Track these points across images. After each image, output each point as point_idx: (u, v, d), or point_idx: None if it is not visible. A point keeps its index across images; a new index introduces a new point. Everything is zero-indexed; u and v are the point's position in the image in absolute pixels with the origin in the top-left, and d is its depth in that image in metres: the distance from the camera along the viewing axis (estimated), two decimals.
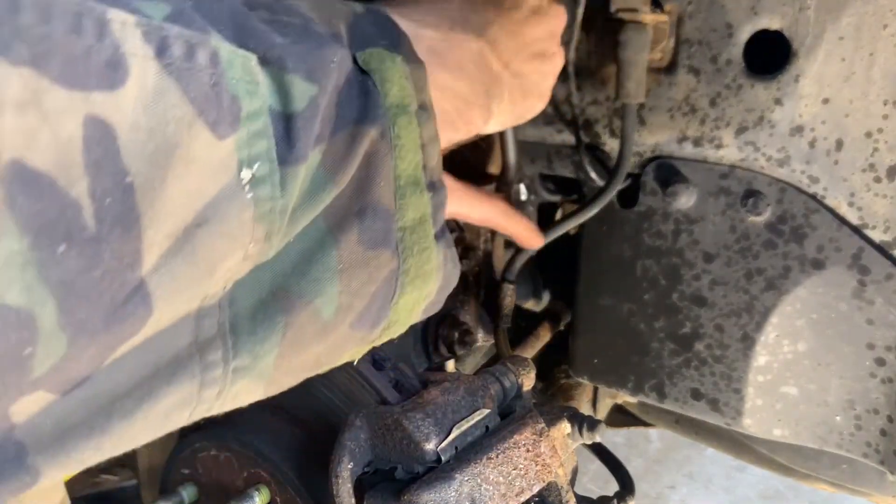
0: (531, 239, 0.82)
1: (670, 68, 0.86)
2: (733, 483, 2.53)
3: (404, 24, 0.51)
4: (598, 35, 0.90)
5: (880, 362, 0.84)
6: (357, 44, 0.44)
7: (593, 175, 0.94)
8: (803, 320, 0.86)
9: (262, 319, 0.41)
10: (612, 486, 0.79)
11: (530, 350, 1.12)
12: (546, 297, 1.26)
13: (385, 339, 0.52)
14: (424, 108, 0.47)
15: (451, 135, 0.57)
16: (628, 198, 0.94)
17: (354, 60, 0.43)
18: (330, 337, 0.45)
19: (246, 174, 0.36)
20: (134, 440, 0.38)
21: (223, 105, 0.34)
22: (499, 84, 0.62)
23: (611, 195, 0.88)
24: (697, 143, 0.86)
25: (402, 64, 0.46)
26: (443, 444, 0.57)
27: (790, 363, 0.88)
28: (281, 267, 0.41)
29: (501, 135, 0.84)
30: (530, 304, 1.25)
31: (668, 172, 0.89)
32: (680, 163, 0.88)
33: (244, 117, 0.35)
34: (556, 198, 1.13)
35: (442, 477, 0.55)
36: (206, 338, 0.39)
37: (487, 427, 0.61)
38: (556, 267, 1.22)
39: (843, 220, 0.82)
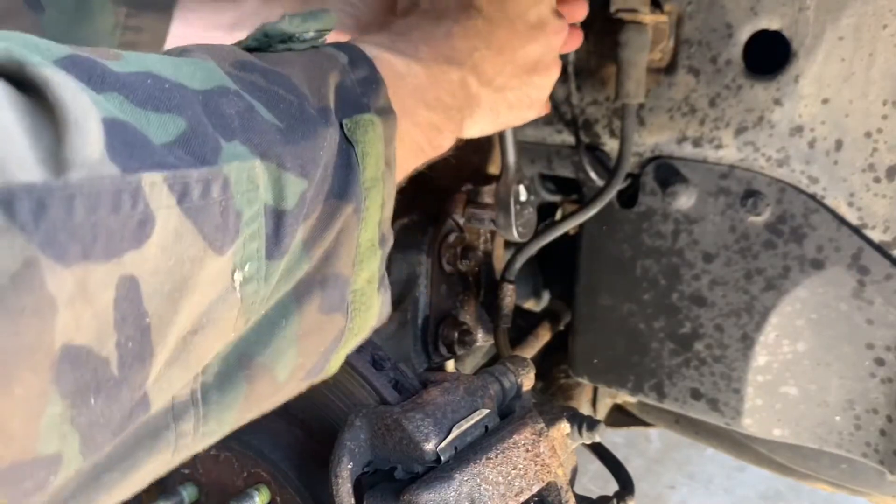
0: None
1: (670, 68, 0.86)
2: (733, 483, 2.53)
3: (392, 61, 0.55)
4: (598, 35, 0.90)
5: (880, 362, 0.84)
6: (344, 109, 0.47)
7: (593, 175, 0.94)
8: (803, 320, 0.86)
9: (228, 387, 0.43)
10: (611, 486, 0.79)
11: (530, 350, 1.12)
12: (546, 297, 1.26)
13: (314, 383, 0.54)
14: (389, 166, 0.50)
15: (419, 160, 0.60)
16: (628, 198, 0.94)
17: (341, 126, 0.46)
18: (280, 394, 0.48)
19: (238, 276, 0.39)
20: (115, 502, 0.41)
21: (229, 226, 0.37)
22: (475, 102, 0.65)
23: (610, 195, 0.88)
24: (697, 143, 0.86)
25: (380, 125, 0.48)
26: (442, 445, 0.57)
27: (790, 363, 0.88)
28: (248, 336, 0.43)
29: (501, 136, 0.84)
30: (530, 304, 1.25)
31: (667, 173, 0.89)
32: (680, 163, 0.88)
33: (243, 225, 0.38)
34: (556, 198, 1.14)
35: (441, 477, 0.55)
36: (180, 405, 0.41)
37: (487, 427, 0.61)
38: (556, 267, 1.22)
39: (842, 220, 0.82)
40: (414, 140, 0.56)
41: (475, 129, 0.68)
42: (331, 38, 0.52)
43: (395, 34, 0.61)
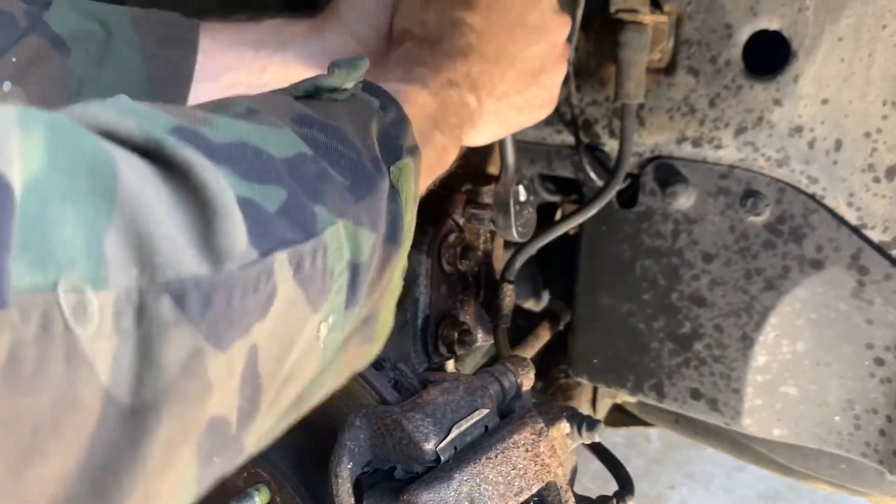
0: None
1: (670, 69, 0.86)
2: (733, 483, 2.53)
3: (410, 94, 0.58)
4: (597, 35, 0.90)
5: (879, 362, 0.84)
6: (388, 157, 0.49)
7: (593, 175, 0.94)
8: (802, 320, 0.86)
9: (282, 421, 0.46)
10: (611, 486, 0.79)
11: (530, 350, 1.12)
12: (546, 297, 1.26)
13: None
14: (416, 201, 0.53)
15: (430, 180, 0.62)
16: (628, 198, 0.94)
17: (388, 173, 0.49)
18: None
19: (323, 328, 0.41)
20: None
21: (326, 287, 0.40)
22: (477, 115, 0.66)
23: (610, 195, 0.88)
24: (697, 143, 0.86)
25: (412, 166, 0.51)
26: (442, 444, 0.57)
27: (789, 363, 0.88)
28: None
29: (500, 140, 0.84)
30: (530, 304, 1.25)
31: (667, 173, 0.89)
32: (679, 163, 0.88)
33: (333, 282, 0.41)
34: (556, 198, 1.14)
35: (441, 477, 0.55)
36: None
37: (486, 427, 0.61)
38: (555, 267, 1.22)
39: (842, 220, 0.82)
40: (429, 164, 0.58)
41: (480, 138, 0.70)
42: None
43: (406, 66, 0.64)
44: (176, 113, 0.37)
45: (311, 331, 0.40)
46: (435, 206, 0.90)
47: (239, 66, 0.74)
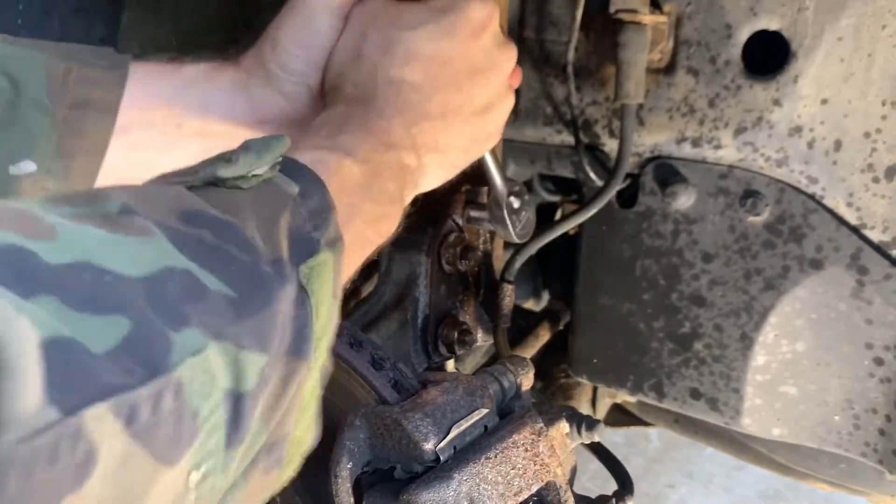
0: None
1: (669, 69, 0.86)
2: (732, 482, 2.53)
3: (335, 165, 0.53)
4: (597, 35, 0.90)
5: (879, 362, 0.84)
6: (298, 254, 0.44)
7: (592, 175, 0.94)
8: (802, 320, 0.86)
9: None
10: (611, 486, 0.79)
11: (530, 350, 1.12)
12: (546, 297, 1.26)
13: None
14: (336, 297, 0.48)
15: (368, 251, 0.58)
16: (627, 198, 0.94)
17: (297, 273, 0.44)
18: None
19: (195, 476, 0.35)
20: None
21: (183, 433, 0.34)
22: (420, 172, 0.63)
23: (610, 195, 0.88)
24: (696, 143, 0.86)
25: (331, 261, 0.46)
26: (441, 444, 0.57)
27: (789, 363, 0.88)
28: None
29: (481, 160, 0.82)
30: (530, 304, 1.25)
31: (667, 173, 0.89)
32: (679, 163, 0.88)
33: (200, 423, 0.35)
34: (555, 198, 1.14)
35: (440, 477, 0.55)
36: None
37: (486, 427, 0.61)
38: (555, 267, 1.22)
39: (841, 220, 0.82)
40: (362, 235, 0.55)
41: (428, 185, 0.66)
42: (266, 130, 0.50)
43: (331, 130, 0.59)
44: (18, 220, 0.32)
45: (170, 485, 0.34)
46: (434, 206, 0.90)
47: (151, 124, 0.67)
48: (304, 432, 0.47)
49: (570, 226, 0.93)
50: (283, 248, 0.44)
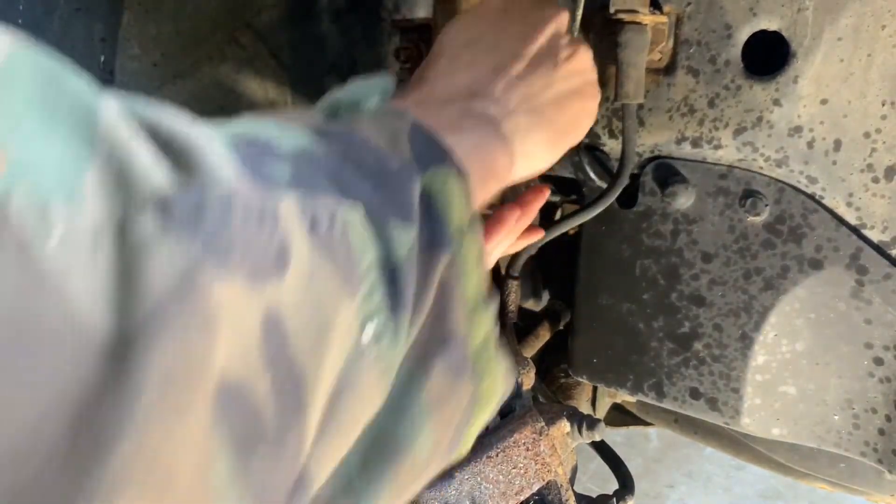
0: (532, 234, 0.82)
1: (669, 69, 0.86)
2: (732, 482, 2.53)
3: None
4: (597, 35, 0.90)
5: (878, 361, 0.84)
6: (421, 162, 0.44)
7: (593, 175, 0.94)
8: (802, 320, 0.87)
9: (371, 474, 0.39)
10: (611, 486, 0.79)
11: (530, 350, 1.12)
12: (546, 297, 1.26)
13: (449, 464, 0.50)
14: (474, 224, 0.47)
15: (489, 187, 0.57)
16: (627, 198, 0.94)
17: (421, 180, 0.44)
18: (421, 478, 0.44)
19: (369, 331, 0.35)
20: None
21: (354, 269, 0.34)
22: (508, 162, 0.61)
23: (615, 195, 0.88)
24: (696, 143, 0.86)
25: (455, 177, 0.46)
26: None
27: (788, 362, 0.88)
28: (383, 411, 0.39)
29: None
30: (530, 304, 1.25)
31: (666, 172, 0.89)
32: (679, 163, 0.88)
33: (362, 274, 0.35)
34: (556, 198, 1.14)
35: (442, 475, 0.55)
36: (324, 502, 0.37)
37: (487, 426, 0.61)
38: (555, 266, 1.22)
39: (841, 220, 0.82)
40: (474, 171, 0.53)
41: (529, 149, 0.64)
42: None
43: (423, 98, 0.59)
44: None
45: (350, 325, 0.34)
46: None
47: None
48: (485, 349, 0.46)
49: (571, 225, 0.93)
50: (407, 155, 0.44)
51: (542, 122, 0.64)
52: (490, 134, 0.58)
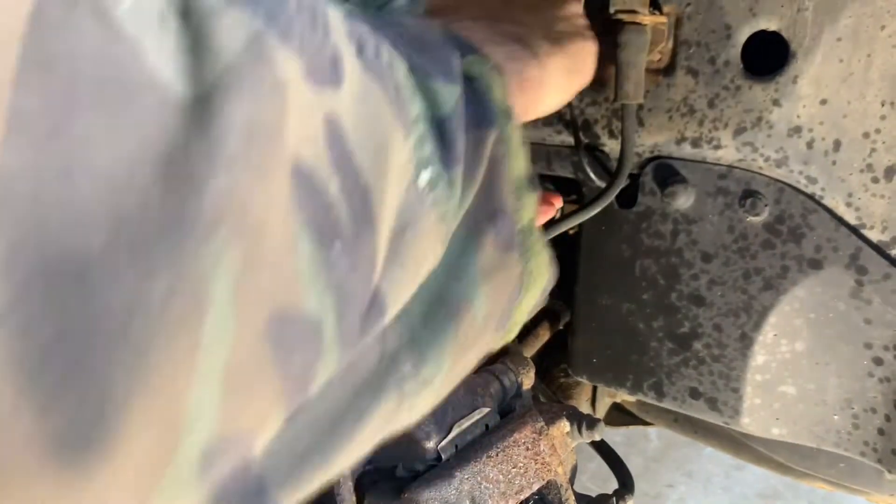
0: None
1: (669, 69, 0.86)
2: (732, 482, 2.53)
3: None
4: (597, 36, 0.90)
5: (878, 361, 0.85)
6: (459, 48, 0.44)
7: (592, 175, 0.94)
8: (801, 320, 0.87)
9: (434, 326, 0.40)
10: (611, 485, 0.79)
11: (530, 350, 1.12)
12: (546, 297, 1.26)
13: (498, 346, 0.51)
14: (513, 109, 0.47)
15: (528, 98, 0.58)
16: (627, 198, 0.94)
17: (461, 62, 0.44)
18: (480, 341, 0.45)
19: (424, 176, 0.35)
20: (347, 464, 0.36)
21: (404, 106, 0.34)
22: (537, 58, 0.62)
23: (613, 195, 0.88)
24: (696, 143, 0.87)
25: (495, 72, 0.46)
26: (443, 443, 0.57)
27: (788, 362, 0.89)
28: (441, 268, 0.40)
29: None
30: None
31: (666, 173, 0.89)
32: (678, 163, 0.88)
33: (412, 121, 0.35)
34: None
35: (442, 475, 0.55)
36: (392, 351, 0.37)
37: (487, 426, 0.61)
38: (555, 266, 1.22)
39: (840, 220, 0.82)
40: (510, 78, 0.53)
41: (551, 66, 0.64)
42: None
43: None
44: None
45: (404, 164, 0.33)
46: None
47: None
48: (531, 230, 0.47)
49: (570, 225, 0.93)
50: (443, 38, 0.43)
51: (560, 49, 0.64)
52: (520, 49, 0.58)
